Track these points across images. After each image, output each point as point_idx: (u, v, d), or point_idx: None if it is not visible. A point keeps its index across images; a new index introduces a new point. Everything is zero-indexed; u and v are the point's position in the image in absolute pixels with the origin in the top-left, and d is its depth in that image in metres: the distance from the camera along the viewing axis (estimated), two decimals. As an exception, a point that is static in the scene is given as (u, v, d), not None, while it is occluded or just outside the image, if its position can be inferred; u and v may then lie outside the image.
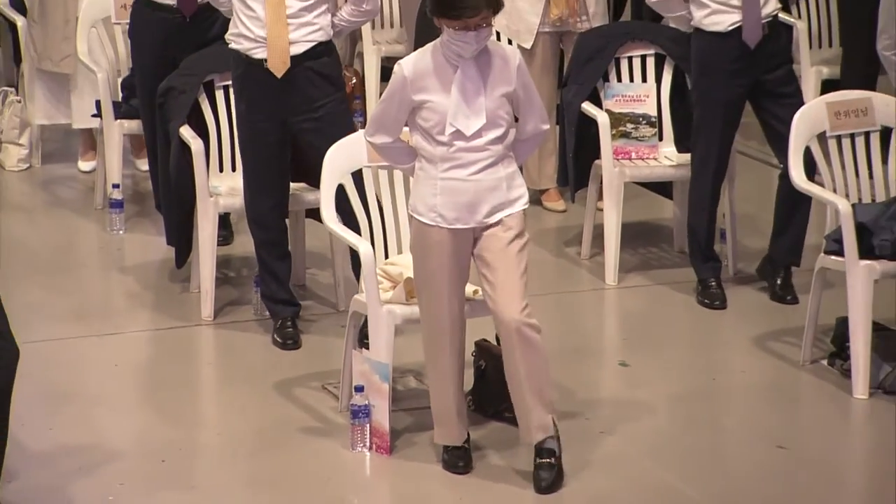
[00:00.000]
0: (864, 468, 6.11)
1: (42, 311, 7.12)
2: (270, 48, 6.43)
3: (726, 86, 7.01)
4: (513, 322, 5.45)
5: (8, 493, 5.40)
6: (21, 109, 8.67)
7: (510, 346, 5.51)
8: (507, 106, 5.54)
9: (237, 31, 6.53)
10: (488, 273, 5.53)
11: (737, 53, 6.93)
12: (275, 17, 6.42)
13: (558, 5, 7.85)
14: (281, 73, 6.45)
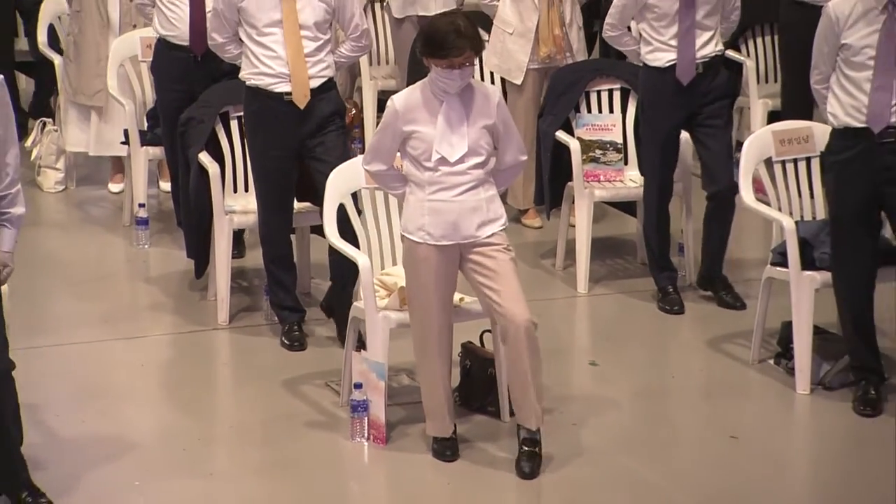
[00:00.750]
0: (807, 455, 6.12)
1: (75, 317, 7.11)
2: (295, 83, 6.43)
3: (664, 116, 7.02)
4: (523, 323, 5.46)
5: (44, 478, 5.35)
6: (57, 138, 8.66)
7: (519, 344, 5.50)
8: (488, 137, 5.54)
9: (256, 70, 6.50)
10: (492, 283, 5.52)
11: (673, 88, 6.94)
12: (296, 56, 6.42)
13: (546, 44, 7.84)
14: (303, 104, 6.45)
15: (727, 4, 7.03)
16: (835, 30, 5.95)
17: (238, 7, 6.48)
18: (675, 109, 7.00)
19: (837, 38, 5.95)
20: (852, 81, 5.93)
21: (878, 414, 6.04)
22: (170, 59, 7.46)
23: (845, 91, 5.95)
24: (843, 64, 5.96)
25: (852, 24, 5.92)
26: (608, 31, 7.13)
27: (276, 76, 6.46)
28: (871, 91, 5.87)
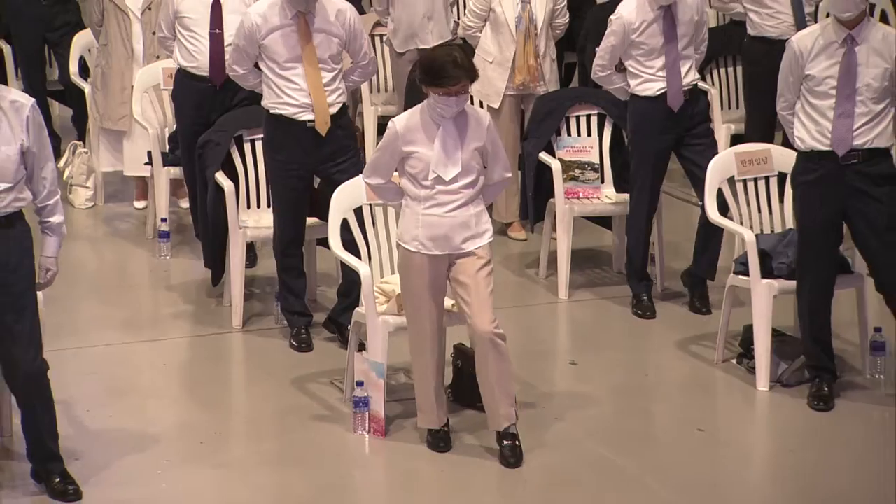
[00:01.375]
0: (766, 446, 6.13)
1: (103, 321, 7.10)
2: (317, 112, 6.43)
3: (655, 140, 7.00)
4: (486, 333, 5.47)
5: (76, 466, 5.38)
6: (87, 159, 8.66)
7: (483, 352, 5.51)
8: (479, 157, 5.56)
9: (280, 101, 6.47)
10: (464, 294, 5.53)
11: (663, 114, 6.94)
12: (317, 89, 6.43)
13: (521, 73, 7.84)
14: (325, 131, 6.45)
15: (698, 36, 7.04)
16: (799, 62, 5.95)
17: (260, 44, 6.47)
18: (666, 134, 6.99)
19: (801, 70, 5.95)
20: (816, 109, 5.93)
21: (831, 409, 6.06)
22: (189, 88, 7.44)
23: (810, 118, 5.95)
24: (807, 93, 5.96)
25: (815, 56, 5.92)
26: (598, 72, 7.10)
27: (299, 106, 6.45)
28: (834, 118, 5.87)
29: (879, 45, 5.90)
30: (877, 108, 5.90)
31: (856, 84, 5.86)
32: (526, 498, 5.47)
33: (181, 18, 7.40)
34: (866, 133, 5.89)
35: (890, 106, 5.93)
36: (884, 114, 5.92)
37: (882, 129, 5.92)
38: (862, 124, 5.88)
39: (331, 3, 6.52)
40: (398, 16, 8.40)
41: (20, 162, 5.08)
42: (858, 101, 5.86)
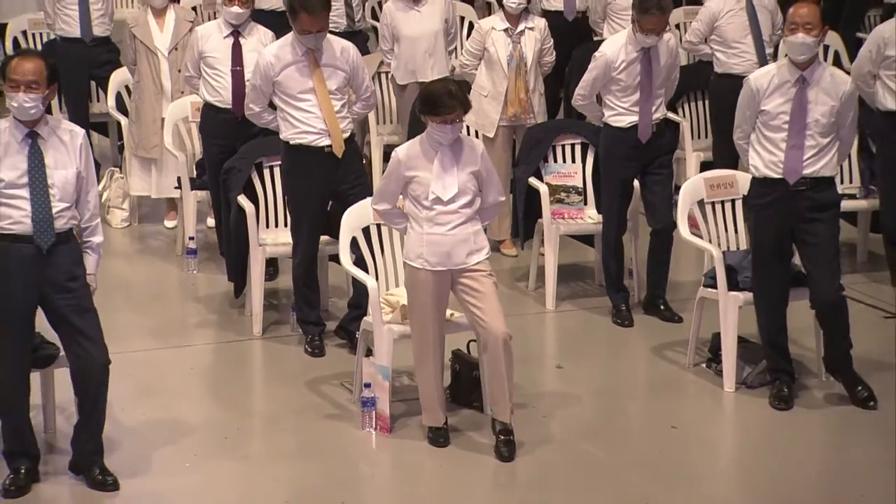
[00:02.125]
0: (732, 441, 6.14)
1: (137, 329, 7.10)
2: (333, 136, 6.43)
3: (622, 167, 7.01)
4: (502, 335, 5.50)
5: (113, 459, 5.40)
6: (123, 183, 8.66)
7: (497, 352, 5.52)
8: (474, 181, 5.58)
9: (298, 130, 6.46)
10: (477, 303, 5.54)
11: (632, 144, 6.94)
12: (331, 115, 6.44)
13: (513, 106, 7.83)
14: (341, 153, 6.45)
15: (670, 76, 7.06)
16: (755, 98, 5.96)
17: (274, 80, 6.48)
18: (632, 162, 6.99)
19: (757, 105, 5.96)
20: (770, 141, 5.93)
21: (790, 408, 6.07)
22: (214, 120, 7.44)
23: (764, 148, 5.96)
24: (762, 126, 5.96)
25: (770, 93, 5.93)
26: (579, 100, 7.12)
27: (317, 133, 6.45)
28: (786, 149, 5.88)
29: (828, 85, 5.92)
30: (824, 141, 5.91)
31: (806, 119, 5.87)
32: (517, 488, 5.48)
33: (205, 58, 7.42)
34: (814, 163, 5.90)
35: (835, 140, 5.94)
36: (829, 146, 5.93)
37: (828, 161, 5.93)
38: (811, 156, 5.89)
39: (335, 42, 6.56)
40: (402, 52, 8.41)
41: (76, 184, 5.16)
42: (808, 135, 5.87)
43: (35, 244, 5.07)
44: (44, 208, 5.06)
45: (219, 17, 7.73)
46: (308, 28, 6.34)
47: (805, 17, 5.85)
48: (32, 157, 5.08)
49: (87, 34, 9.06)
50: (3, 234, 5.08)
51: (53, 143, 5.14)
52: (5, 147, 5.09)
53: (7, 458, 5.33)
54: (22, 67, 5.08)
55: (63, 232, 5.13)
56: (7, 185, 5.05)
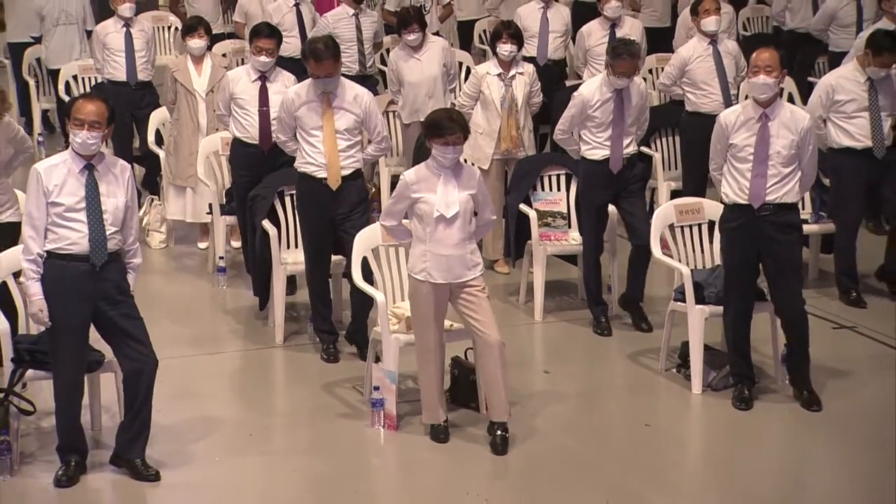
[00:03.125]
0: (699, 438, 6.15)
1: (173, 338, 7.06)
2: (329, 171, 6.44)
3: (597, 195, 7.01)
4: (497, 342, 5.52)
5: (152, 453, 5.42)
6: (161, 209, 8.68)
7: (492, 358, 5.53)
8: (472, 203, 5.60)
9: (305, 161, 6.50)
10: (472, 313, 5.56)
11: (605, 174, 6.94)
12: (331, 152, 6.44)
13: (506, 141, 7.82)
14: (335, 187, 6.46)
15: (641, 116, 7.08)
16: (725, 133, 5.99)
17: (294, 115, 6.52)
18: (606, 190, 6.99)
19: (727, 140, 5.98)
20: (738, 171, 5.95)
21: (750, 408, 6.07)
22: (243, 153, 7.46)
23: (734, 177, 5.97)
24: (731, 157, 5.98)
25: (737, 129, 5.96)
26: (559, 134, 7.13)
27: (318, 165, 6.47)
28: (751, 178, 5.90)
29: (788, 121, 5.95)
30: (785, 171, 5.92)
31: (768, 151, 5.89)
32: (509, 479, 5.50)
33: (236, 99, 7.45)
34: (777, 190, 5.91)
35: (797, 170, 5.95)
36: (791, 176, 5.94)
37: (790, 188, 5.94)
38: (773, 183, 5.90)
39: (352, 87, 6.58)
40: (406, 95, 8.44)
41: (124, 211, 5.22)
42: (770, 165, 5.89)
43: (90, 262, 5.12)
44: (99, 231, 5.13)
45: (247, 64, 7.75)
46: (316, 73, 6.39)
47: (766, 60, 5.88)
48: (89, 186, 5.14)
49: (132, 78, 9.11)
50: (62, 253, 5.13)
51: (106, 174, 5.21)
52: (65, 177, 5.14)
53: (59, 453, 5.36)
54: (86, 108, 5.13)
55: (113, 252, 5.19)
56: (66, 209, 5.11)
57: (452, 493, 5.37)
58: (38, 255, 5.14)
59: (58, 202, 5.11)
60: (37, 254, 5.14)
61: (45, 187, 5.11)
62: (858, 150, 7.18)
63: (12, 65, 11.08)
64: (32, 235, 5.13)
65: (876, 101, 7.17)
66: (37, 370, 5.43)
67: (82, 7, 10.45)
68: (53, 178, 5.12)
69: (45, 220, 5.11)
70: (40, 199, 5.11)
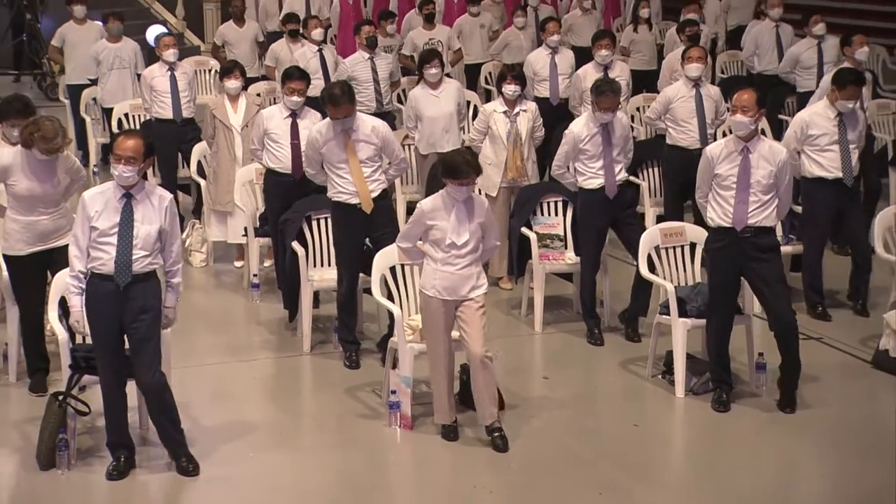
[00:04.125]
0: (682, 437, 6.12)
1: (212, 347, 7.12)
2: (361, 196, 6.47)
3: (596, 219, 7.01)
4: (478, 355, 5.52)
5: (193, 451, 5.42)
6: (202, 232, 8.69)
7: (476, 368, 5.55)
8: (480, 231, 5.61)
9: (338, 190, 6.52)
10: (465, 327, 5.57)
11: (602, 201, 6.94)
12: (359, 179, 6.48)
13: (511, 171, 7.79)
14: (369, 210, 6.49)
15: (626, 146, 7.06)
16: (711, 164, 6.01)
17: (320, 151, 6.56)
18: (604, 215, 6.99)
19: (712, 170, 6.00)
20: (722, 198, 5.96)
21: (728, 410, 6.06)
22: (275, 182, 7.47)
23: (718, 203, 5.98)
24: (716, 186, 6.00)
25: (721, 161, 5.98)
26: (556, 170, 7.15)
27: (350, 193, 6.50)
28: (734, 204, 5.92)
29: (767, 153, 5.97)
30: (765, 198, 5.94)
31: (749, 181, 5.91)
32: (512, 474, 5.47)
33: (269, 134, 7.47)
34: (757, 215, 5.92)
35: (775, 197, 5.97)
36: (769, 202, 5.95)
37: (768, 213, 5.96)
38: (754, 209, 5.91)
39: (368, 121, 6.62)
40: (423, 128, 8.44)
41: (157, 238, 5.20)
42: (751, 192, 5.90)
43: (115, 282, 5.11)
44: (125, 253, 5.10)
45: (279, 102, 7.79)
46: (334, 115, 6.43)
47: (744, 102, 5.92)
48: (124, 213, 5.14)
49: (177, 116, 9.15)
50: (96, 273, 5.15)
51: (144, 203, 5.19)
52: (106, 203, 5.16)
53: (110, 449, 5.37)
54: (124, 144, 5.15)
55: (141, 274, 5.15)
56: (101, 233, 5.13)
57: (461, 486, 5.36)
58: (80, 272, 5.17)
59: (95, 226, 5.13)
60: (79, 271, 5.17)
61: (87, 212, 5.14)
62: (830, 179, 7.18)
63: (71, 104, 11.13)
64: (77, 254, 5.17)
65: (845, 135, 7.18)
66: (91, 375, 5.45)
67: (134, 53, 10.52)
68: (95, 205, 5.15)
69: (87, 241, 5.14)
70: (84, 223, 5.15)
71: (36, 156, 5.87)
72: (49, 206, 6.03)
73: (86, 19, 11.09)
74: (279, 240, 7.20)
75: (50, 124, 5.81)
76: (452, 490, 5.37)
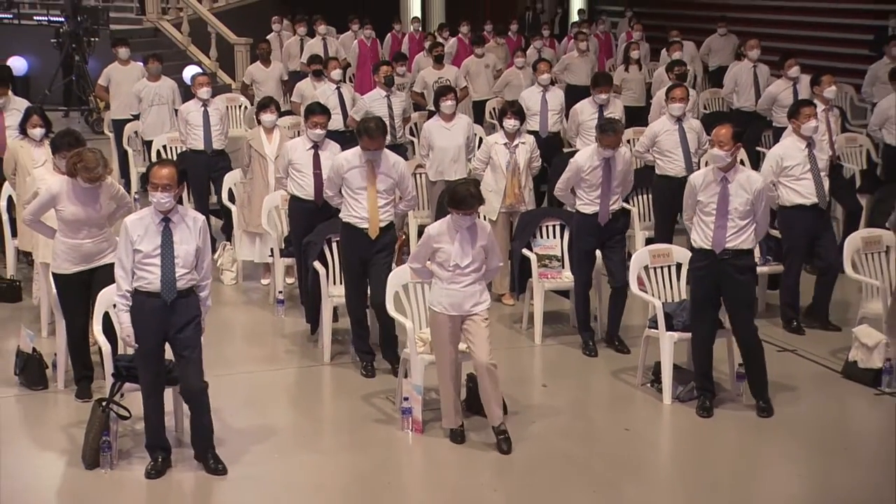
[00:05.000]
0: (668, 439, 6.08)
1: (241, 357, 7.13)
2: (370, 222, 6.51)
3: (587, 241, 7.02)
4: (484, 363, 5.51)
5: (222, 451, 5.42)
6: (231, 252, 8.72)
7: (483, 375, 5.54)
8: (483, 253, 5.62)
9: (350, 213, 6.55)
10: (471, 338, 5.57)
11: (594, 225, 6.96)
12: (373, 207, 6.50)
13: (510, 198, 7.82)
14: (375, 235, 6.52)
15: (625, 179, 7.09)
16: (694, 191, 6.05)
17: (343, 176, 6.59)
18: (595, 238, 7.00)
19: (695, 197, 6.03)
20: (704, 223, 5.99)
21: (711, 416, 6.05)
22: (299, 207, 7.48)
23: (700, 228, 6.01)
24: (699, 211, 6.03)
25: (703, 189, 6.01)
26: (559, 192, 7.17)
27: (361, 218, 6.53)
28: (714, 229, 5.94)
29: (744, 182, 5.98)
30: (742, 223, 5.95)
31: (728, 207, 5.92)
32: (514, 473, 5.46)
33: (293, 164, 7.49)
34: (735, 239, 5.94)
35: (752, 222, 5.98)
36: (747, 227, 5.97)
37: (746, 237, 5.97)
38: (732, 233, 5.93)
39: (390, 156, 6.64)
40: (434, 157, 8.45)
41: (195, 256, 5.23)
42: (730, 218, 5.92)
43: (162, 298, 5.14)
44: (169, 273, 5.15)
45: (303, 135, 7.82)
46: (367, 147, 6.46)
47: (721, 136, 5.94)
48: (164, 236, 5.17)
49: (209, 147, 9.19)
50: (141, 290, 5.17)
51: (181, 225, 5.23)
52: (146, 228, 5.19)
53: (148, 450, 5.39)
54: (160, 173, 5.18)
55: (183, 290, 5.19)
56: (145, 255, 5.16)
57: (466, 484, 5.35)
58: (126, 291, 5.19)
59: (139, 249, 5.15)
60: (125, 290, 5.19)
61: (130, 237, 5.16)
62: (807, 206, 7.19)
63: (115, 137, 11.22)
64: (122, 275, 5.19)
65: (815, 162, 7.19)
66: (131, 383, 5.47)
67: (171, 91, 10.60)
68: (137, 230, 5.18)
69: (131, 263, 5.16)
70: (127, 247, 5.17)
71: (80, 184, 5.91)
72: (93, 230, 6.06)
73: (129, 60, 11.21)
74: (302, 260, 7.21)
75: (92, 155, 5.85)
76: (458, 488, 5.36)
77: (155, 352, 5.24)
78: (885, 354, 6.40)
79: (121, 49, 11.20)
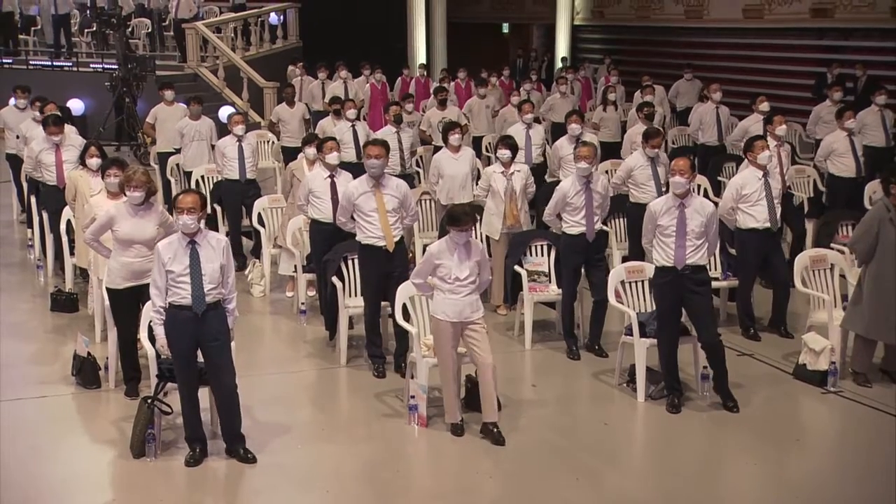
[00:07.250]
0: (642, 433, 6.04)
1: (268, 360, 7.10)
2: (386, 238, 6.52)
3: (574, 259, 7.02)
4: (489, 364, 5.52)
5: (250, 443, 5.42)
6: (260, 268, 8.70)
7: (486, 375, 5.54)
8: (477, 267, 5.63)
9: (366, 235, 6.55)
10: (474, 343, 5.57)
11: (580, 245, 6.98)
12: (386, 225, 6.52)
13: (509, 219, 7.79)
14: (391, 248, 6.52)
15: (604, 202, 7.10)
16: (654, 217, 6.06)
17: (354, 202, 6.61)
18: (581, 257, 7.00)
19: (655, 222, 6.04)
20: (665, 244, 6.00)
21: (679, 412, 6.04)
22: (318, 229, 7.48)
23: (662, 248, 6.02)
24: (660, 234, 6.04)
25: (662, 214, 6.02)
26: (547, 217, 7.18)
27: (377, 237, 6.55)
28: (675, 248, 5.96)
29: (699, 207, 6.02)
30: (698, 242, 5.99)
31: (686, 229, 5.95)
32: (507, 462, 5.45)
33: (313, 192, 7.49)
34: (693, 256, 5.97)
35: (706, 241, 6.02)
36: (702, 245, 6.01)
37: (702, 254, 6.01)
38: (690, 251, 5.96)
39: (394, 180, 6.68)
40: (444, 184, 8.45)
41: (220, 272, 5.24)
42: (687, 238, 5.95)
43: (193, 311, 5.16)
44: (199, 288, 5.15)
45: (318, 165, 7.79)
46: (370, 154, 6.50)
47: (680, 166, 5.99)
48: (192, 257, 5.18)
49: (243, 177, 9.20)
50: (176, 305, 5.19)
51: (206, 246, 5.24)
52: (175, 251, 5.20)
53: (188, 442, 5.39)
54: (185, 199, 5.20)
55: (212, 303, 5.20)
56: (176, 274, 5.17)
57: (466, 472, 5.34)
58: (160, 307, 5.20)
59: (171, 269, 5.16)
60: (160, 306, 5.20)
61: (162, 259, 5.18)
62: (760, 229, 7.20)
63: (160, 168, 11.28)
64: (156, 293, 5.21)
65: (770, 190, 7.21)
66: (173, 383, 5.48)
67: (209, 128, 10.64)
68: (168, 253, 5.19)
69: (164, 282, 5.18)
70: (160, 268, 5.19)
71: (132, 202, 5.95)
72: (142, 249, 6.08)
73: (173, 102, 11.26)
74: (322, 275, 7.22)
75: (136, 169, 5.97)
76: (459, 475, 5.35)
77: (188, 357, 5.25)
78: (830, 358, 6.42)
79: (167, 92, 11.25)
